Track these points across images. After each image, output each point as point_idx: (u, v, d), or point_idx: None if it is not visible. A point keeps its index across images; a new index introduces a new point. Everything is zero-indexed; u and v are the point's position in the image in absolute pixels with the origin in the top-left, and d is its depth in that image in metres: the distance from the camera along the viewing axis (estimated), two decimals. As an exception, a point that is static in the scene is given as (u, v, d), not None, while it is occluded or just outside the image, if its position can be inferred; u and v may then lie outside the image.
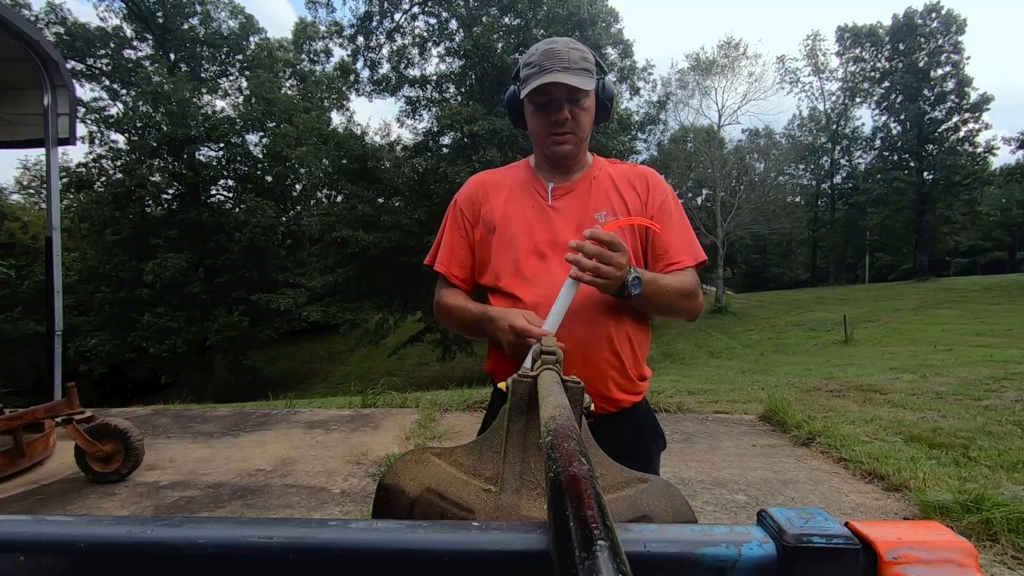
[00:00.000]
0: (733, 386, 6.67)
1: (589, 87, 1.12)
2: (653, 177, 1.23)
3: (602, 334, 1.09)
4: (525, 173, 1.26)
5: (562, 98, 1.12)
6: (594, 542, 0.27)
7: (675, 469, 3.27)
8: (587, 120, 1.18)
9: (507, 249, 1.17)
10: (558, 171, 1.23)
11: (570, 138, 1.16)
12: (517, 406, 0.68)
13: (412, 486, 0.68)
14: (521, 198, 1.22)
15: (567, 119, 1.13)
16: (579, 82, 1.09)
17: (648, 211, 1.18)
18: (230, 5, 23.71)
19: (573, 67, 1.11)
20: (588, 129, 1.19)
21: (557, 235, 1.15)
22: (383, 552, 0.37)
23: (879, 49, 36.05)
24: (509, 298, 1.14)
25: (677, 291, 1.10)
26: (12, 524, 0.40)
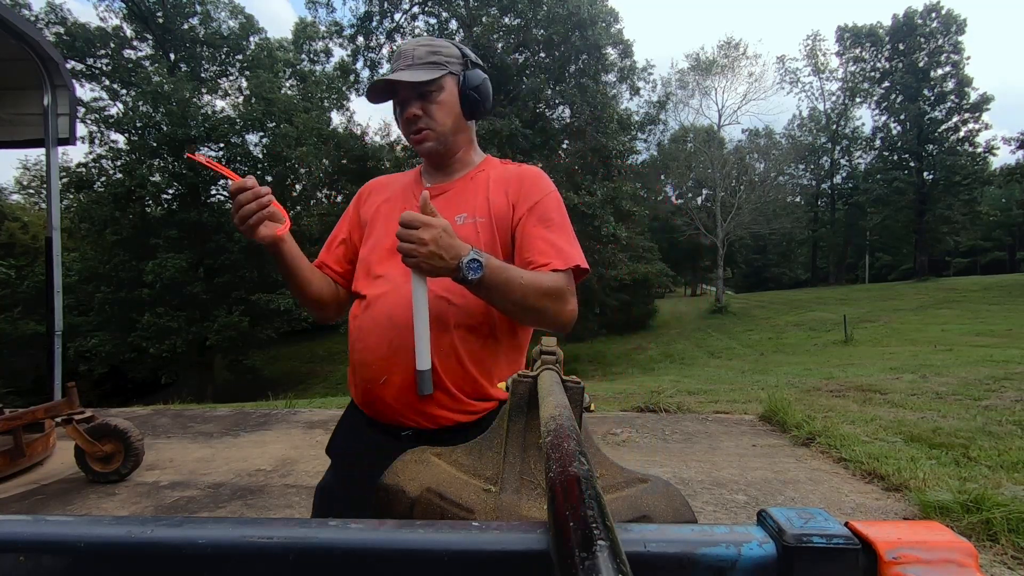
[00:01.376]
0: (733, 386, 6.67)
1: (425, 78, 1.06)
2: (531, 177, 1.13)
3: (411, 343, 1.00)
4: (413, 176, 1.23)
5: (410, 96, 1.09)
6: (594, 542, 0.27)
7: (675, 469, 3.27)
8: (444, 114, 1.11)
9: (367, 251, 1.14)
10: (439, 172, 1.18)
11: (428, 134, 1.11)
12: (517, 406, 0.68)
13: (412, 486, 0.68)
14: (396, 201, 1.18)
15: (415, 115, 1.09)
16: (411, 75, 1.06)
17: (516, 213, 1.08)
18: (230, 5, 23.71)
19: (416, 63, 1.08)
20: (450, 124, 1.12)
21: None
22: (383, 552, 0.37)
23: (879, 49, 36.06)
24: (359, 299, 1.09)
25: (534, 287, 0.96)
26: (12, 524, 0.40)
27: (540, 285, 0.97)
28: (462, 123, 1.15)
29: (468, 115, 1.15)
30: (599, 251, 18.14)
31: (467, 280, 0.91)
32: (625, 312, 24.68)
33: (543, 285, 0.97)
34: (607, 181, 17.40)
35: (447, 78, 1.11)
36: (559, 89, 17.94)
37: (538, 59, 18.15)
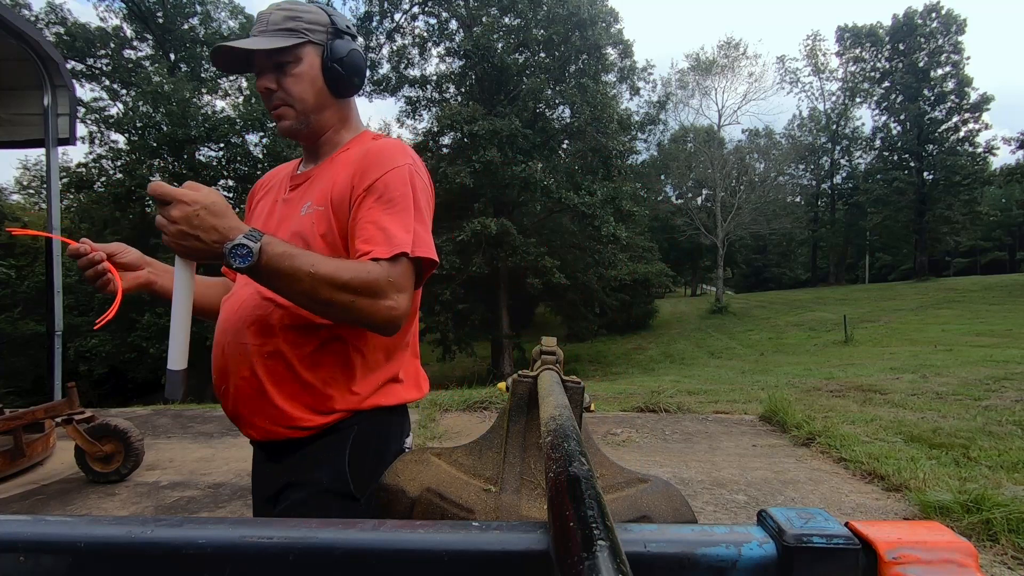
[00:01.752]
0: (733, 386, 6.67)
1: (276, 45, 0.93)
2: (378, 152, 0.96)
3: (240, 348, 0.93)
4: (293, 165, 1.12)
5: (265, 66, 0.96)
6: (594, 542, 0.27)
7: (675, 469, 3.27)
8: (302, 88, 0.97)
9: None
10: (309, 156, 1.07)
11: (285, 111, 0.98)
12: (517, 406, 0.68)
13: (412, 486, 0.68)
14: (271, 194, 1.08)
15: (269, 89, 0.97)
16: (261, 43, 0.92)
17: (354, 194, 0.93)
18: (230, 5, 23.73)
19: (271, 29, 0.94)
20: (310, 100, 0.98)
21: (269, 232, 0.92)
22: (383, 552, 0.37)
23: (879, 49, 36.06)
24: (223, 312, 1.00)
25: (329, 279, 0.81)
26: (12, 524, 0.40)
27: (337, 277, 0.81)
28: (327, 99, 1.00)
29: (335, 91, 1.01)
30: (599, 251, 18.16)
31: (235, 268, 0.78)
32: (625, 312, 24.69)
33: (341, 278, 0.81)
34: (607, 181, 17.41)
35: (307, 47, 0.96)
36: (559, 89, 17.95)
37: (538, 59, 18.16)
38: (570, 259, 18.33)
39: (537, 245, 16.77)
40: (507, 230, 15.63)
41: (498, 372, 17.22)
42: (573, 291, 18.54)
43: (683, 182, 34.50)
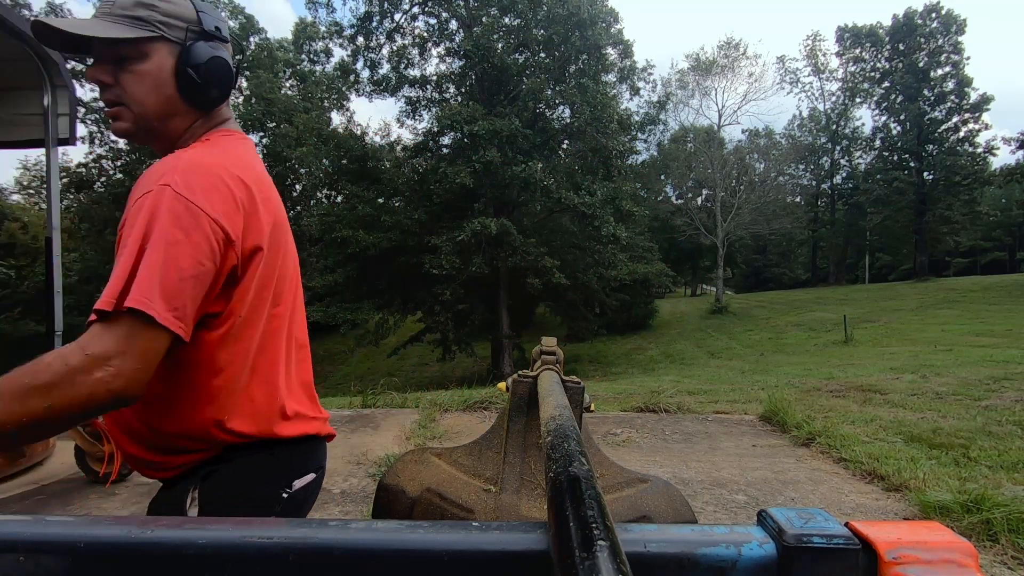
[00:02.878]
0: (733, 386, 6.67)
1: (111, 34, 0.76)
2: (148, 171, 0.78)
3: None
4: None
5: (100, 55, 0.80)
6: (594, 542, 0.27)
7: (675, 469, 3.27)
8: (143, 91, 0.80)
9: None
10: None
11: (120, 111, 0.82)
12: (517, 406, 0.68)
13: (412, 486, 0.68)
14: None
15: (101, 82, 0.81)
16: (94, 27, 0.76)
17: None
18: (230, 5, 23.73)
19: (116, 12, 0.78)
20: (151, 105, 0.81)
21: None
22: (383, 552, 0.37)
23: (879, 49, 36.06)
24: None
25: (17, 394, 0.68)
26: (12, 524, 0.40)
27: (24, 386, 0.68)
28: (177, 106, 0.84)
29: (188, 100, 0.84)
30: (599, 251, 18.16)
31: None
32: (625, 312, 24.69)
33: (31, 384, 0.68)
34: (607, 181, 17.41)
35: (157, 44, 0.80)
36: (559, 89, 17.95)
37: (538, 59, 18.16)
38: (570, 259, 18.33)
39: (537, 245, 16.77)
40: (507, 230, 15.63)
41: (498, 372, 17.22)
42: (573, 291, 18.54)
43: (683, 182, 34.49)
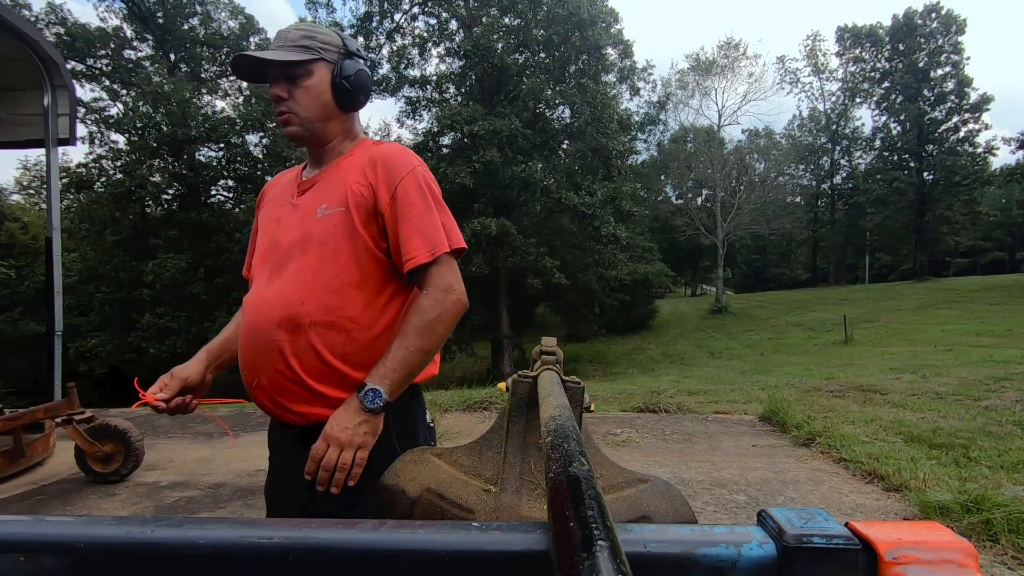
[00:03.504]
0: (733, 386, 6.67)
1: (292, 58, 1.04)
2: (387, 158, 1.06)
3: (271, 345, 1.01)
4: (297, 170, 1.20)
5: (278, 77, 1.06)
6: (594, 542, 0.27)
7: (675, 469, 3.27)
8: (309, 99, 1.07)
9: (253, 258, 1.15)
10: (314, 162, 1.16)
11: (290, 117, 1.08)
12: (517, 406, 0.68)
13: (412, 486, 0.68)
14: (278, 198, 1.16)
15: (279, 96, 1.07)
16: (278, 55, 1.03)
17: (379, 201, 1.04)
18: (230, 5, 23.72)
19: (288, 44, 1.06)
20: (316, 111, 1.08)
21: (282, 235, 1.08)
22: (383, 552, 0.37)
23: (879, 49, 36.06)
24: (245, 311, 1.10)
25: (421, 340, 0.99)
26: (12, 524, 0.40)
27: (423, 330, 0.98)
28: (333, 111, 1.10)
29: (342, 105, 1.10)
30: (599, 251, 18.16)
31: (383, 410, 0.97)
32: (625, 312, 24.70)
33: (422, 325, 0.98)
34: (607, 181, 17.41)
35: (319, 64, 1.07)
36: (559, 89, 17.95)
37: (538, 59, 18.15)
38: (570, 259, 18.33)
39: (537, 245, 16.77)
40: (507, 230, 15.63)
41: (498, 372, 17.22)
42: (573, 291, 18.54)
43: (683, 182, 34.50)
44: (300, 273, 1.01)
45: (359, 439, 0.95)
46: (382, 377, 0.96)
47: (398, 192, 1.03)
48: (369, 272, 1.03)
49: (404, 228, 1.02)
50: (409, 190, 1.04)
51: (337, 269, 1.01)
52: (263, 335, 1.01)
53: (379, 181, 1.04)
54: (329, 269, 1.01)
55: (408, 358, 0.98)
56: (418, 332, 0.98)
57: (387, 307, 1.05)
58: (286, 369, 1.00)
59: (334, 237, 1.02)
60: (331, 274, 1.01)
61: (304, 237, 1.04)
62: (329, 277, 1.00)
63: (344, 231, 1.02)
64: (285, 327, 1.00)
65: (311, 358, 1.00)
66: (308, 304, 1.00)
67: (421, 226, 1.02)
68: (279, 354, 1.00)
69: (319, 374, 1.00)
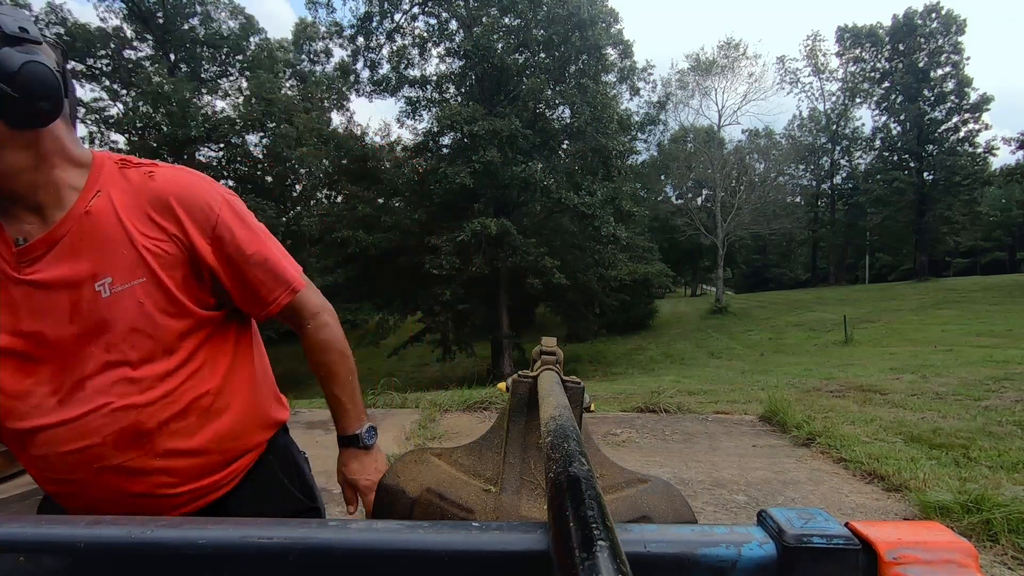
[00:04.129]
0: (733, 386, 6.67)
1: None
2: (183, 196, 0.80)
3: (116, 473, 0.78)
4: None
5: None
6: (594, 542, 0.27)
7: (675, 469, 3.27)
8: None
9: None
10: (28, 214, 0.75)
11: None
12: (517, 406, 0.68)
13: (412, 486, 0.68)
14: None
15: None
16: None
17: (199, 253, 0.80)
18: (230, 6, 23.75)
19: None
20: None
21: (44, 328, 0.74)
22: (383, 552, 0.37)
23: (879, 49, 36.05)
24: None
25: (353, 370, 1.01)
26: (12, 524, 0.40)
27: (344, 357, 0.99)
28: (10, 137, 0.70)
29: (9, 122, 0.69)
30: (599, 251, 18.16)
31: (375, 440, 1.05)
32: (625, 312, 24.69)
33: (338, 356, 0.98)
34: (607, 181, 17.40)
35: None
36: (559, 89, 17.95)
37: (538, 59, 18.15)
38: (570, 259, 18.33)
39: (537, 245, 16.77)
40: (507, 230, 15.63)
41: (498, 372, 17.22)
42: (573, 291, 18.53)
43: (683, 182, 34.49)
44: (116, 372, 0.76)
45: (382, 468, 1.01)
46: (358, 416, 1.00)
47: (221, 234, 0.82)
48: (209, 338, 0.84)
49: (248, 273, 0.85)
50: (233, 227, 0.83)
51: (166, 352, 0.79)
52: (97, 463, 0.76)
53: (187, 229, 0.80)
54: (157, 355, 0.78)
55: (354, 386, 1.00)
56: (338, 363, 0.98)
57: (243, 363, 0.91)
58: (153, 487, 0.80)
59: (146, 317, 0.77)
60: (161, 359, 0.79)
61: (97, 327, 0.75)
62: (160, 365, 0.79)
63: (159, 306, 0.78)
64: (128, 443, 0.77)
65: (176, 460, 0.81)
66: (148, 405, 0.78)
67: (267, 263, 0.87)
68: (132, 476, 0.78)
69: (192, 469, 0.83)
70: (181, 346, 0.81)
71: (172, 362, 0.80)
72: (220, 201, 0.84)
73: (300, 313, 0.93)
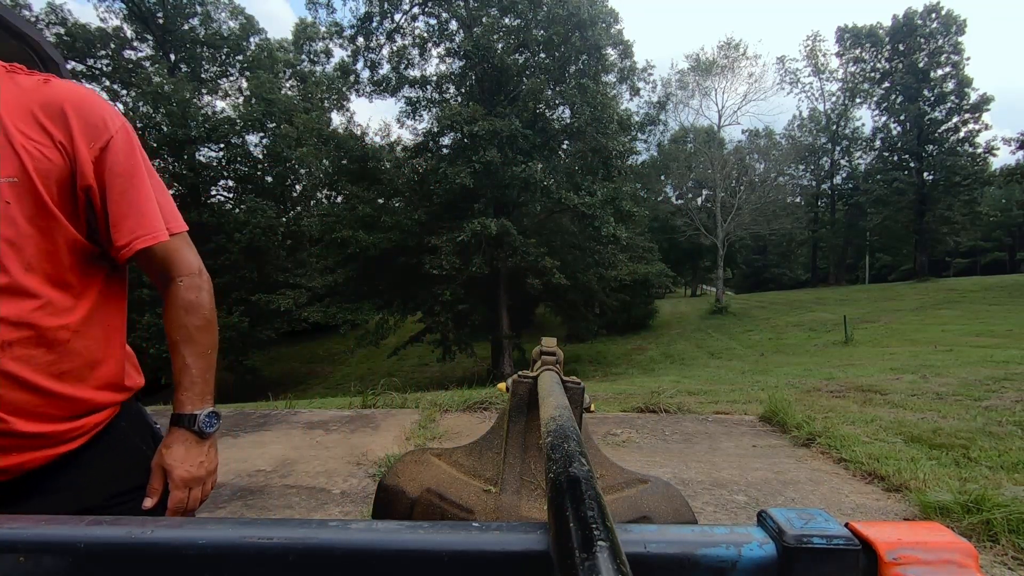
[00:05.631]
0: (733, 386, 6.67)
1: None
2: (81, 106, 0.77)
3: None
4: None
5: None
6: (594, 543, 0.27)
7: (675, 469, 3.27)
8: None
9: None
10: None
11: None
12: (517, 407, 0.68)
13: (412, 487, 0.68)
14: None
15: None
16: None
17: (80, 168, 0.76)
18: (230, 6, 23.77)
19: None
20: None
21: None
22: (383, 552, 0.37)
23: (879, 50, 36.07)
24: None
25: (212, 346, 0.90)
26: (12, 524, 0.40)
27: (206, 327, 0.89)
28: None
29: None
30: (599, 251, 18.17)
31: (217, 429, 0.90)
32: (625, 312, 24.71)
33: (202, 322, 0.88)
34: (607, 182, 17.41)
35: None
36: (559, 90, 17.96)
37: (538, 60, 18.16)
38: (570, 259, 18.34)
39: (537, 245, 16.77)
40: (507, 231, 15.64)
41: (498, 372, 17.22)
42: (573, 291, 18.54)
43: (683, 182, 34.51)
44: None
45: (214, 463, 0.88)
46: (203, 395, 0.87)
47: (110, 155, 0.78)
48: (71, 264, 0.77)
49: (134, 195, 0.80)
50: (129, 152, 0.81)
51: (25, 265, 0.72)
52: None
53: (76, 140, 0.75)
54: (15, 266, 0.71)
55: (210, 363, 0.89)
56: (205, 332, 0.88)
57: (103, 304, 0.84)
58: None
59: (10, 221, 0.70)
60: (19, 273, 0.71)
61: None
62: (18, 278, 0.71)
63: (26, 212, 0.72)
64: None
65: (16, 391, 0.72)
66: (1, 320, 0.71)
67: (143, 199, 0.81)
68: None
69: (33, 408, 0.74)
70: (43, 267, 0.74)
71: (31, 280, 0.73)
72: (119, 124, 0.81)
73: (168, 267, 0.86)
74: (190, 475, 0.83)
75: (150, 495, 0.82)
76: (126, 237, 0.79)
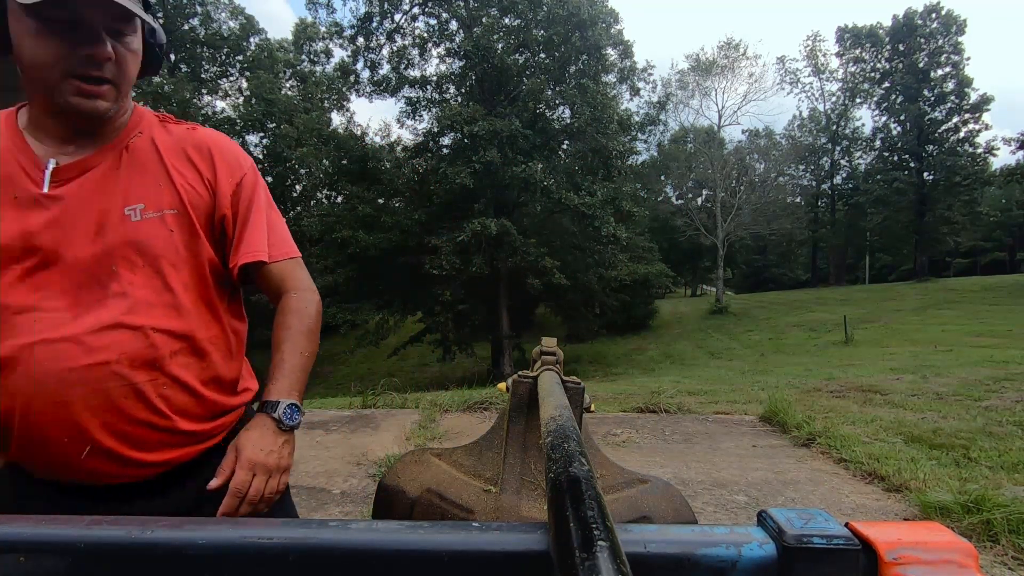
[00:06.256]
0: (733, 387, 6.67)
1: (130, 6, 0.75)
2: (222, 149, 0.91)
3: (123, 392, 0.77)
4: (11, 140, 0.80)
5: (99, 25, 0.74)
6: (594, 543, 0.27)
7: (675, 469, 3.27)
8: (134, 67, 0.83)
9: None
10: (72, 137, 0.81)
11: (108, 91, 0.78)
12: (517, 407, 0.68)
13: (412, 487, 0.68)
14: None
15: (109, 57, 0.76)
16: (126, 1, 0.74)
17: (220, 201, 0.88)
18: (230, 6, 23.78)
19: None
20: (132, 82, 0.83)
21: (62, 245, 0.76)
22: (383, 552, 0.37)
23: (879, 50, 36.07)
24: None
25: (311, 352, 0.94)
26: (12, 524, 0.40)
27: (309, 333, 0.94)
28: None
29: (144, 72, 0.88)
30: (599, 251, 18.16)
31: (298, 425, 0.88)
32: (625, 312, 24.70)
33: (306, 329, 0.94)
34: (607, 182, 17.41)
35: (137, 20, 0.80)
36: (559, 90, 17.96)
37: (538, 60, 18.17)
38: (570, 260, 18.33)
39: (537, 246, 16.77)
40: (507, 231, 15.64)
41: (498, 373, 17.22)
42: (573, 292, 18.54)
43: (683, 182, 34.52)
44: (137, 294, 0.79)
45: (285, 461, 0.86)
46: (290, 389, 0.88)
47: (243, 189, 0.92)
48: (212, 284, 0.89)
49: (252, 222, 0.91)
50: (255, 187, 0.94)
51: (183, 285, 0.84)
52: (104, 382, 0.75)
53: (219, 176, 0.89)
54: (177, 286, 0.83)
55: (305, 364, 0.93)
56: (306, 336, 0.93)
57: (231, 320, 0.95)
58: (152, 415, 0.79)
59: (172, 246, 0.83)
60: (181, 292, 0.84)
61: (124, 247, 0.79)
62: (180, 296, 0.83)
63: (184, 239, 0.84)
64: (141, 364, 0.78)
65: (180, 394, 0.83)
66: (163, 331, 0.81)
67: (271, 224, 0.94)
68: (138, 399, 0.77)
69: (189, 409, 0.84)
70: (196, 287, 0.86)
71: (188, 298, 0.85)
72: (249, 164, 0.96)
73: (282, 284, 0.96)
74: (258, 459, 0.83)
75: (217, 475, 0.82)
76: (236, 257, 0.91)
